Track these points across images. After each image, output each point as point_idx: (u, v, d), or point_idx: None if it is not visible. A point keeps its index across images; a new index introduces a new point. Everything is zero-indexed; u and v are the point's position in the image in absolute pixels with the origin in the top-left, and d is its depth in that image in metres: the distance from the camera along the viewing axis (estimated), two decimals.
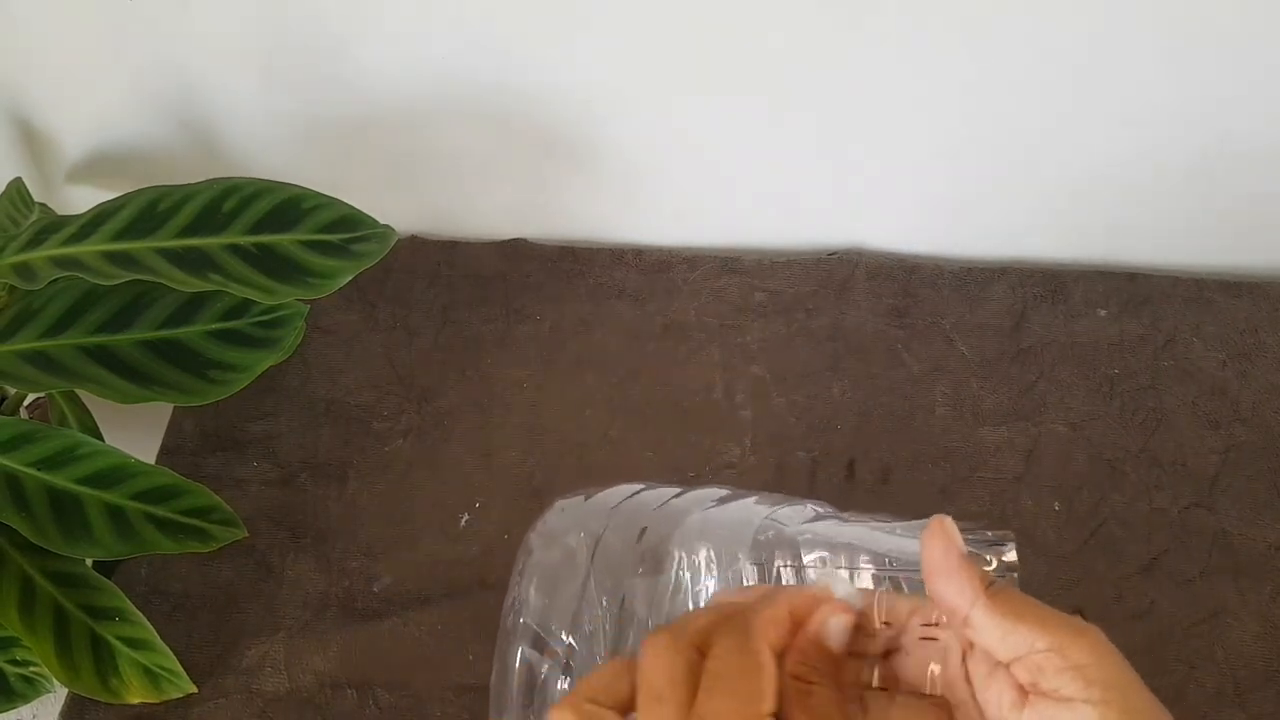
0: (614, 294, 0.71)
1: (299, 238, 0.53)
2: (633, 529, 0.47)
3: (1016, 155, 0.66)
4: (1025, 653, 0.30)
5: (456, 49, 0.62)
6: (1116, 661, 0.30)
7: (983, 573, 0.31)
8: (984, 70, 0.61)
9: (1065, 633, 0.30)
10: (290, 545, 0.61)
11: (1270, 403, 0.64)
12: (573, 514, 0.49)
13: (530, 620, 0.45)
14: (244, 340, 0.55)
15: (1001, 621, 0.31)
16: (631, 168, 0.70)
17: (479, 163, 0.71)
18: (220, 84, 0.66)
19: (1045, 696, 0.30)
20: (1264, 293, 0.69)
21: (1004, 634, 0.31)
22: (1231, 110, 0.62)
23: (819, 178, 0.69)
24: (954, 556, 0.32)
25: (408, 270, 0.72)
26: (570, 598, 0.45)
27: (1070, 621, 0.30)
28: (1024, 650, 0.30)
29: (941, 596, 0.32)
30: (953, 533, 0.32)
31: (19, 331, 0.53)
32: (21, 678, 0.52)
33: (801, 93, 0.63)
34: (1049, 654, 0.30)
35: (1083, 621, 0.30)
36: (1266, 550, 0.59)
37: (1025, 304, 0.69)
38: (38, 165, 0.73)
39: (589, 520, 0.48)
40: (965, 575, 0.31)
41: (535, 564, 0.47)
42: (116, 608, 0.52)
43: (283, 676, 0.56)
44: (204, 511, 0.53)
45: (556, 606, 0.45)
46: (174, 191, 0.54)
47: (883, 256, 0.72)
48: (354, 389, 0.67)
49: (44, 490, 0.51)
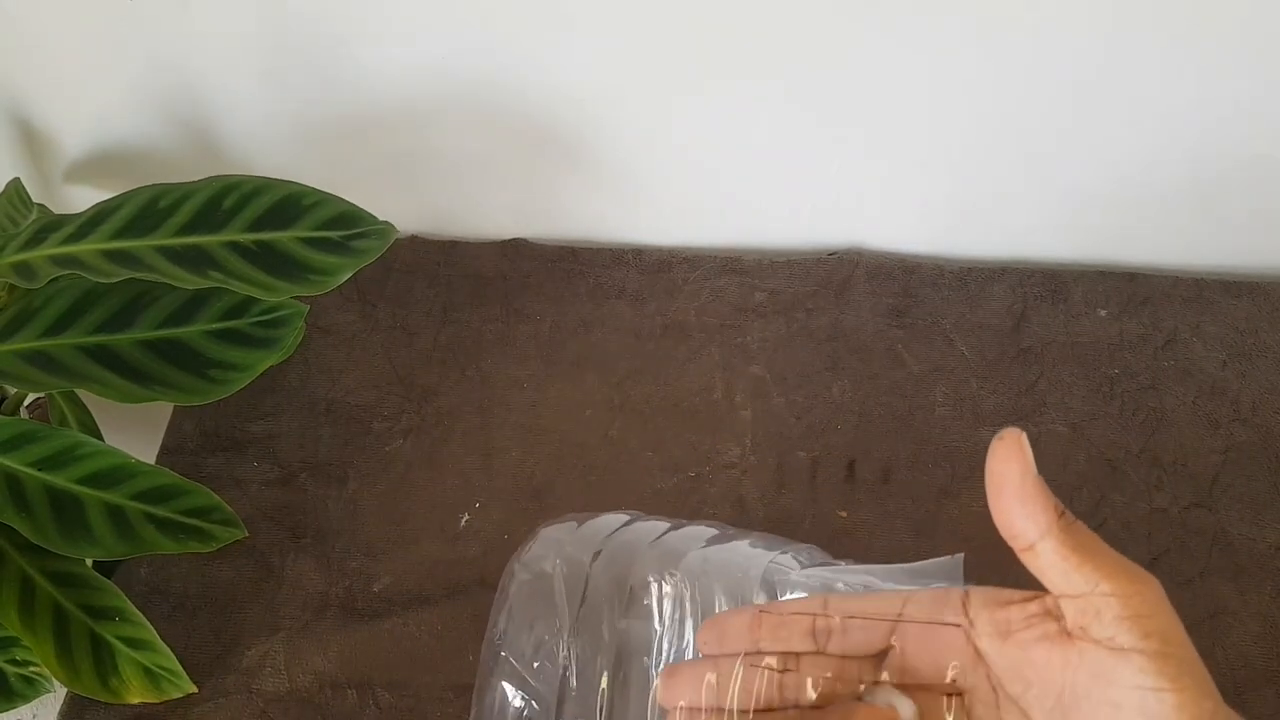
0: (614, 294, 0.71)
1: (299, 234, 0.53)
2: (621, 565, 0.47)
3: (1017, 156, 0.66)
4: (1084, 592, 0.29)
5: (457, 49, 0.62)
6: (1173, 617, 0.29)
7: (1057, 503, 0.30)
8: (985, 71, 0.61)
9: (1129, 579, 0.29)
10: (290, 545, 0.61)
11: (1270, 403, 0.64)
12: (559, 543, 0.49)
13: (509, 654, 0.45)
14: (244, 340, 0.54)
15: (1069, 556, 0.30)
16: (631, 168, 0.70)
17: (479, 163, 0.71)
18: (220, 83, 0.66)
19: (1097, 645, 0.29)
20: (1264, 293, 0.69)
21: (1068, 570, 0.30)
22: (1231, 110, 0.62)
23: (819, 178, 0.69)
24: (1030, 481, 0.30)
25: (408, 270, 0.72)
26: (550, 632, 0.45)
27: (1135, 569, 0.30)
28: (1084, 590, 0.29)
29: (1010, 522, 0.30)
30: (1028, 452, 0.30)
31: (19, 331, 0.53)
32: (21, 678, 0.52)
33: (802, 93, 0.63)
34: (1109, 598, 0.29)
35: (1145, 572, 0.30)
36: (1266, 550, 0.59)
37: (1025, 304, 0.69)
38: (36, 165, 0.73)
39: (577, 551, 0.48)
40: (1040, 502, 0.30)
41: (516, 594, 0.47)
42: (116, 608, 0.51)
43: (283, 676, 0.56)
44: (204, 512, 0.53)
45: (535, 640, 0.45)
46: (173, 189, 0.54)
47: (883, 256, 0.72)
48: (354, 389, 0.67)
49: (44, 490, 0.51)
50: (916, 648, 0.34)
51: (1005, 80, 0.61)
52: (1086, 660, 0.30)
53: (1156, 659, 0.28)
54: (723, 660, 0.36)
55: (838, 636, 0.35)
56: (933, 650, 0.33)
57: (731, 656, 0.35)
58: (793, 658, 0.35)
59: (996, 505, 0.31)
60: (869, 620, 0.34)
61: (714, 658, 0.36)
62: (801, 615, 0.35)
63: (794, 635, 0.35)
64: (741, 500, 0.61)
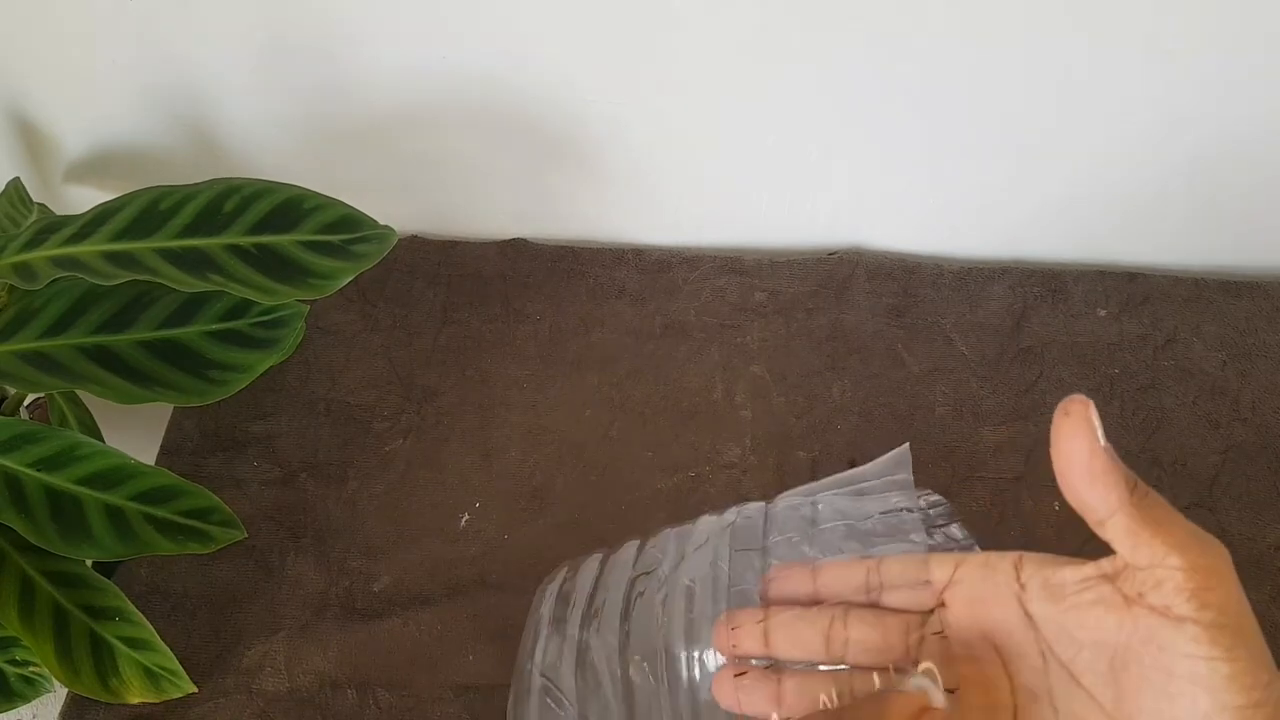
0: (614, 294, 0.71)
1: (299, 238, 0.53)
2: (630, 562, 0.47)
3: (1017, 155, 0.66)
4: (1151, 564, 0.29)
5: (456, 49, 0.62)
6: (1236, 589, 0.29)
7: (1128, 475, 0.29)
8: (984, 70, 0.61)
9: (1199, 552, 0.29)
10: (290, 545, 0.61)
11: (1270, 402, 0.64)
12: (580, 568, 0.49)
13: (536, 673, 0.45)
14: (244, 340, 0.54)
15: (1140, 531, 0.29)
16: (631, 168, 0.70)
17: (479, 163, 0.71)
18: (221, 84, 0.66)
19: (1152, 611, 0.29)
20: (1264, 292, 0.69)
21: (1138, 543, 0.29)
22: (1231, 110, 0.62)
23: (819, 178, 0.69)
24: (1099, 459, 0.29)
25: (408, 270, 0.72)
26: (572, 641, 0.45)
27: (1205, 541, 0.29)
28: (1152, 562, 0.29)
29: (1081, 499, 0.30)
30: (1096, 425, 0.29)
31: (19, 331, 0.53)
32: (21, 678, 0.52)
33: (802, 93, 0.63)
34: (1175, 571, 0.29)
35: (1215, 541, 0.29)
36: (1266, 550, 0.59)
37: (1025, 304, 0.69)
38: (36, 165, 0.73)
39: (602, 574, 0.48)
40: (1111, 479, 0.29)
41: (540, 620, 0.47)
42: (116, 608, 0.51)
43: (283, 676, 0.56)
44: (204, 513, 0.53)
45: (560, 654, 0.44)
46: (175, 191, 0.54)
47: (883, 256, 0.72)
48: (354, 389, 0.67)
49: (43, 491, 0.51)
50: (966, 610, 0.34)
51: (1005, 80, 0.61)
52: (1141, 626, 0.29)
53: (1211, 629, 0.28)
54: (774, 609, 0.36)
55: (889, 593, 0.35)
56: (982, 614, 0.33)
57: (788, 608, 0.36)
58: (842, 615, 0.35)
59: (1065, 482, 0.30)
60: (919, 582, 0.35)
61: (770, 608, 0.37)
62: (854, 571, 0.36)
63: (848, 589, 0.36)
64: (742, 500, 0.61)
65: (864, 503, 0.42)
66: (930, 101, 0.63)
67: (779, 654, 0.36)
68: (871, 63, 0.61)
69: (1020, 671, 0.33)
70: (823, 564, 0.37)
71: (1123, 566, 0.30)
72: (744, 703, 0.35)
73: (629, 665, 0.42)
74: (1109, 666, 0.30)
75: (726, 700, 0.36)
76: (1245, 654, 0.28)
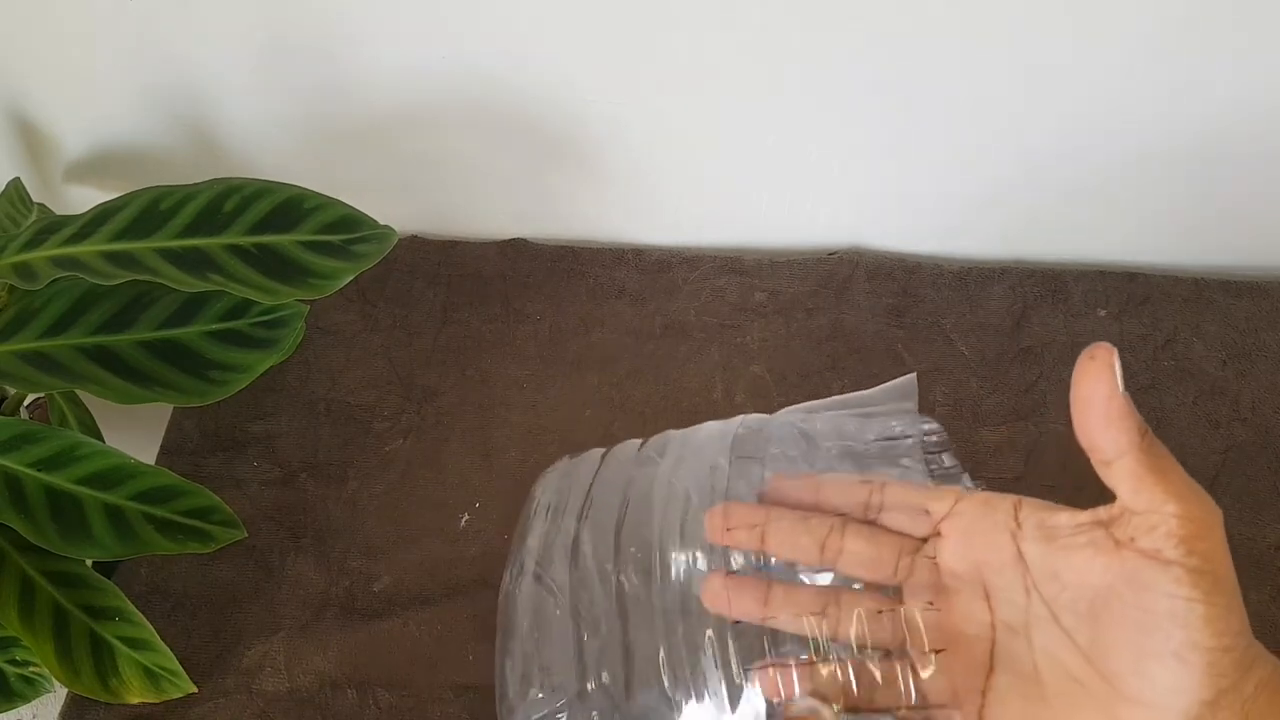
0: (614, 294, 0.71)
1: (299, 238, 0.53)
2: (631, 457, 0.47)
3: (1017, 155, 0.66)
4: (1149, 509, 0.30)
5: (456, 49, 0.62)
6: (1223, 545, 0.30)
7: (1140, 423, 0.31)
8: (984, 70, 0.61)
9: (1195, 504, 0.30)
10: (290, 545, 0.61)
11: (1270, 402, 0.64)
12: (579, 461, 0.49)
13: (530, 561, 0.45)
14: (244, 341, 0.54)
15: (1145, 475, 0.31)
16: (631, 168, 0.70)
17: (479, 163, 0.71)
18: (221, 84, 0.66)
19: (1141, 554, 0.30)
20: (1264, 292, 0.69)
21: (1139, 488, 0.31)
22: (1232, 111, 0.62)
23: (819, 178, 0.69)
24: (1117, 402, 0.31)
25: (408, 270, 0.72)
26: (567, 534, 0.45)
27: (1202, 496, 0.31)
28: (1151, 507, 0.30)
29: (1093, 439, 0.32)
30: (1117, 372, 0.31)
31: (19, 332, 0.53)
32: (21, 678, 0.52)
33: (802, 93, 0.63)
34: (1171, 518, 0.30)
35: (1211, 500, 0.31)
36: (1266, 550, 0.59)
37: (1025, 304, 0.69)
38: (36, 165, 0.73)
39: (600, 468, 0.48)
40: (1125, 422, 0.31)
41: (536, 507, 0.47)
42: (116, 608, 0.52)
43: (283, 676, 0.56)
44: (204, 512, 0.53)
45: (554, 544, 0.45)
46: (175, 191, 0.54)
47: (883, 256, 0.72)
48: (354, 389, 0.67)
49: (43, 491, 0.51)
50: (960, 542, 0.35)
51: (1005, 80, 0.61)
52: (1127, 567, 0.31)
53: (1195, 574, 0.29)
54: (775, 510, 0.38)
55: (888, 514, 0.37)
56: (975, 548, 0.35)
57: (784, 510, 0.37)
58: (840, 526, 0.37)
59: (1081, 422, 0.32)
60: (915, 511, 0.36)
61: (768, 507, 0.38)
62: (857, 489, 0.37)
63: (848, 504, 0.38)
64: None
65: (864, 425, 0.42)
66: (930, 101, 0.63)
67: (773, 552, 0.37)
68: (871, 63, 0.61)
69: (1002, 606, 0.34)
70: (827, 477, 0.38)
71: (1118, 514, 0.32)
72: (733, 603, 0.37)
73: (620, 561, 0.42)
74: (1089, 607, 0.32)
75: (715, 602, 0.37)
76: (1223, 602, 0.29)
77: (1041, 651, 0.33)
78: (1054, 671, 0.33)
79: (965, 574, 0.35)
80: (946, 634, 0.35)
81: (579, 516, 0.45)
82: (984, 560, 0.35)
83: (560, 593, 0.43)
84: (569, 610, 0.43)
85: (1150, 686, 0.30)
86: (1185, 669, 0.29)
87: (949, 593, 0.35)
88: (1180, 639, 0.29)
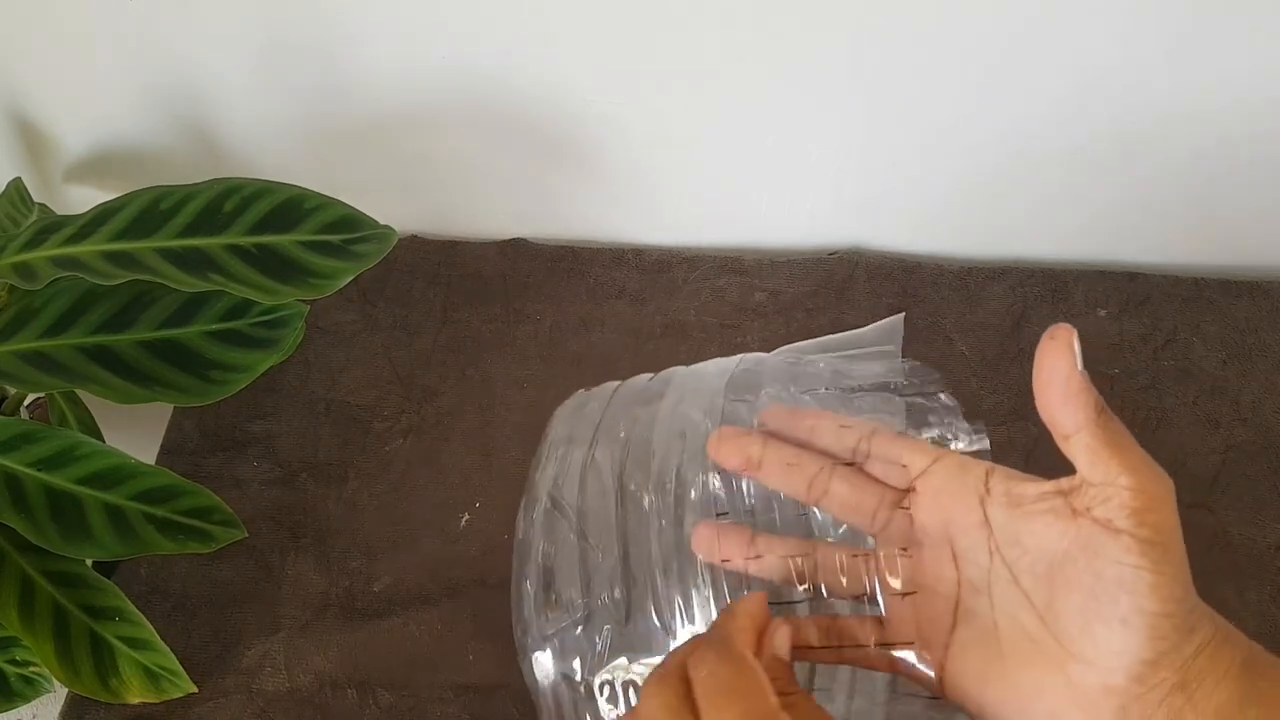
0: (614, 294, 0.71)
1: (300, 238, 0.53)
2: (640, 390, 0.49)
3: (1017, 156, 0.66)
4: (1106, 481, 0.32)
5: (457, 50, 0.62)
6: (1174, 517, 0.32)
7: (1098, 399, 0.33)
8: (984, 70, 0.61)
9: (1147, 477, 0.32)
10: (290, 545, 0.61)
11: (1270, 402, 0.64)
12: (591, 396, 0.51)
13: (544, 489, 0.46)
14: (244, 340, 0.54)
15: (1100, 450, 0.32)
16: (631, 168, 0.70)
17: (479, 163, 0.71)
18: (221, 84, 0.66)
19: (1095, 523, 0.32)
20: (1264, 292, 0.69)
21: (1095, 461, 0.32)
22: (1232, 110, 0.62)
23: (819, 177, 0.69)
24: (1075, 379, 0.32)
25: (408, 270, 0.72)
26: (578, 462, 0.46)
27: (1155, 470, 0.32)
28: (1106, 479, 0.32)
29: (1053, 415, 0.33)
30: (1077, 351, 0.33)
31: (19, 331, 0.53)
32: (21, 678, 0.52)
33: (802, 93, 0.63)
34: (1124, 490, 0.32)
35: (1163, 473, 0.32)
36: (1266, 550, 0.59)
37: (1025, 304, 0.69)
38: (37, 165, 0.73)
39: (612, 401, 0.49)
40: (1083, 399, 0.32)
41: (552, 442, 0.48)
42: (116, 607, 0.52)
43: (283, 676, 0.56)
44: (204, 512, 0.53)
45: (567, 474, 0.46)
46: (175, 191, 0.54)
47: (883, 256, 0.72)
48: (354, 389, 0.67)
49: (43, 490, 0.51)
50: (933, 500, 0.37)
51: (1006, 80, 0.61)
52: (1082, 534, 0.32)
53: (1143, 543, 0.31)
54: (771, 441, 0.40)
55: (873, 462, 0.39)
56: (946, 507, 0.37)
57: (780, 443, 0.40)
58: (830, 470, 0.39)
59: (1041, 397, 0.33)
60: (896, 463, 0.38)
61: (765, 437, 0.40)
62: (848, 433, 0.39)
63: (839, 447, 0.39)
64: None
65: (854, 367, 0.44)
66: (930, 101, 0.63)
67: (765, 480, 0.39)
68: (871, 63, 0.61)
69: (967, 566, 0.36)
70: (824, 417, 0.40)
71: (1078, 484, 0.33)
72: (722, 546, 0.39)
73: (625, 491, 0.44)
74: (1047, 570, 0.34)
75: (704, 549, 0.39)
76: (1169, 570, 0.31)
77: (1001, 611, 0.35)
78: (1012, 629, 0.34)
79: (935, 532, 0.37)
80: (916, 584, 0.37)
81: (589, 445, 0.47)
82: (953, 520, 0.36)
83: (572, 515, 0.45)
84: (579, 532, 0.45)
85: (1096, 647, 0.32)
86: (1129, 632, 0.31)
87: (920, 548, 0.37)
88: (1126, 604, 0.31)
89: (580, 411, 0.49)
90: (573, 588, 0.43)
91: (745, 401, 0.44)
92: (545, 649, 0.43)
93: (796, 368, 0.46)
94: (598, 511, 0.44)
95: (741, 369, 0.46)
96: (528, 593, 0.45)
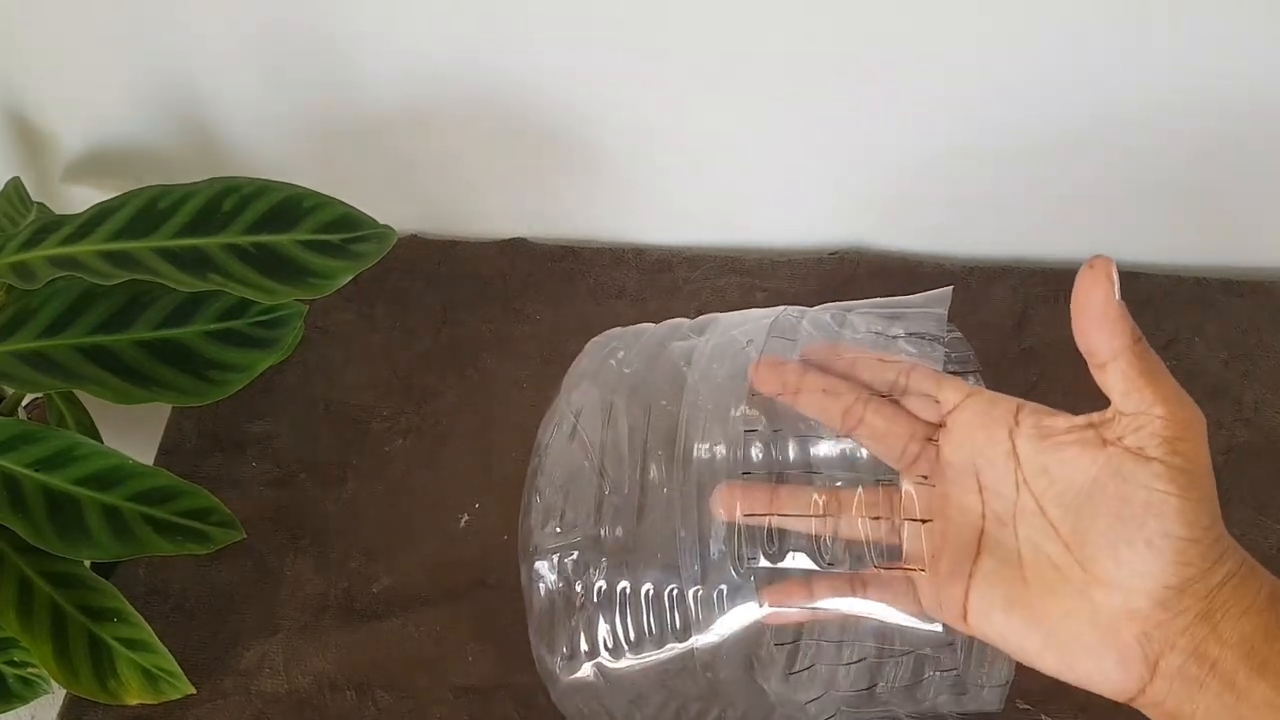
0: (614, 294, 0.71)
1: (298, 237, 0.53)
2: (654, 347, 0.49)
3: (1018, 155, 0.66)
4: (1140, 411, 0.33)
5: (457, 49, 0.62)
6: (1204, 448, 0.33)
7: (1134, 328, 0.33)
8: (985, 70, 0.60)
9: (1180, 407, 0.33)
10: (289, 546, 0.61)
11: (1273, 403, 0.64)
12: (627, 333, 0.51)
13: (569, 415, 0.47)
14: (243, 340, 0.54)
15: (1136, 378, 0.33)
16: (631, 168, 0.69)
17: (479, 163, 0.70)
18: (220, 83, 0.66)
19: (1126, 450, 0.33)
20: (1266, 292, 0.69)
21: (1130, 390, 0.33)
22: (1232, 110, 0.62)
23: (820, 177, 0.69)
24: (1113, 305, 0.33)
25: (407, 270, 0.72)
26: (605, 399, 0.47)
27: (1188, 401, 0.33)
28: (1140, 409, 0.33)
29: (1089, 341, 0.34)
30: (1115, 279, 0.33)
31: (17, 332, 0.53)
32: (19, 679, 0.51)
33: (802, 93, 0.63)
34: (1157, 419, 0.32)
35: (1197, 407, 0.33)
36: (1268, 550, 0.58)
37: (1026, 304, 0.69)
38: (35, 164, 0.73)
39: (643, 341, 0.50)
40: (1120, 325, 0.33)
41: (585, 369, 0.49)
42: (115, 609, 0.51)
43: (281, 677, 0.56)
44: (202, 513, 0.53)
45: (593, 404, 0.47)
46: (173, 190, 0.54)
47: (883, 256, 0.72)
48: (353, 389, 0.67)
49: (41, 491, 0.51)
50: (962, 434, 0.38)
51: (1006, 80, 0.61)
52: (1112, 461, 0.33)
53: (1173, 470, 0.32)
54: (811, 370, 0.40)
55: (908, 398, 0.39)
56: (975, 440, 0.37)
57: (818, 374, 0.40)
58: (865, 400, 0.39)
59: (1079, 324, 0.34)
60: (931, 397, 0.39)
61: (805, 367, 0.40)
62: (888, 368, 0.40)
63: (877, 380, 0.40)
64: None
65: (894, 325, 0.45)
66: (931, 101, 0.63)
67: (802, 407, 0.40)
68: (871, 62, 0.61)
69: (993, 499, 0.36)
70: (865, 353, 0.41)
71: (1110, 417, 0.34)
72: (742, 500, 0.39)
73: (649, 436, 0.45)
74: (1074, 499, 0.34)
75: (724, 509, 0.39)
76: (1197, 497, 0.32)
77: (1026, 541, 0.35)
78: (1036, 559, 0.35)
79: (961, 466, 0.37)
80: (937, 513, 0.37)
81: (615, 385, 0.47)
82: (981, 453, 0.37)
83: (592, 449, 0.46)
84: (597, 467, 0.45)
85: (1121, 569, 0.32)
86: (1155, 555, 0.32)
87: (945, 482, 0.38)
88: (1154, 527, 0.32)
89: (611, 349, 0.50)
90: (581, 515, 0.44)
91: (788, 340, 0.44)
92: (545, 560, 0.44)
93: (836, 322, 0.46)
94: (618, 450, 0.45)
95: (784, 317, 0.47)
96: (536, 507, 0.46)
